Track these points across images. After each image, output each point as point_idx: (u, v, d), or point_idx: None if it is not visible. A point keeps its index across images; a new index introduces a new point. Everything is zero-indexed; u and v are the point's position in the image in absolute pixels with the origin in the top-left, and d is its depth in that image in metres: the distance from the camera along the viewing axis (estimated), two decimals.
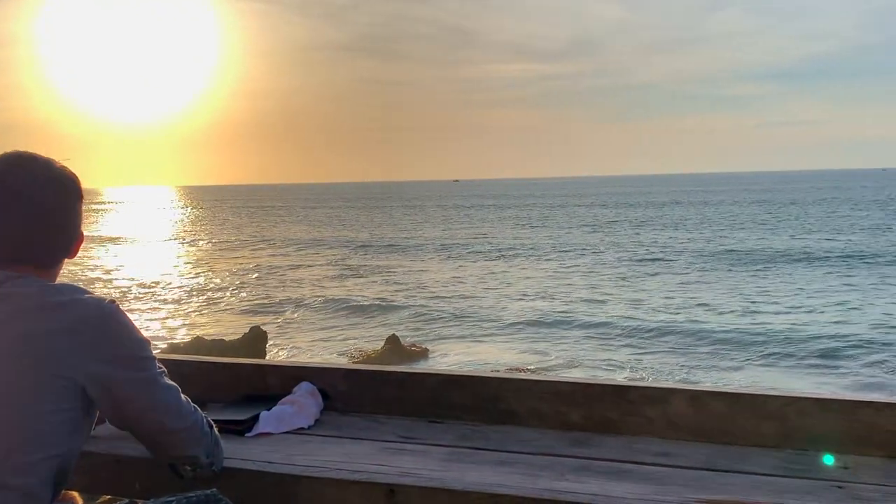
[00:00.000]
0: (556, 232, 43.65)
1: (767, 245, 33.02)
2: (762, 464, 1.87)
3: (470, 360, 14.02)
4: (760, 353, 13.74)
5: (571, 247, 34.26)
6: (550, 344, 14.83)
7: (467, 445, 2.02)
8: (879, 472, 1.80)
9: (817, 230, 40.67)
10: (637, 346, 14.44)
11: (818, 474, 1.80)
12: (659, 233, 41.18)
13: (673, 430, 2.05)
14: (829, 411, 1.94)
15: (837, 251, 29.86)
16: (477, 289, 22.20)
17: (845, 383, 11.95)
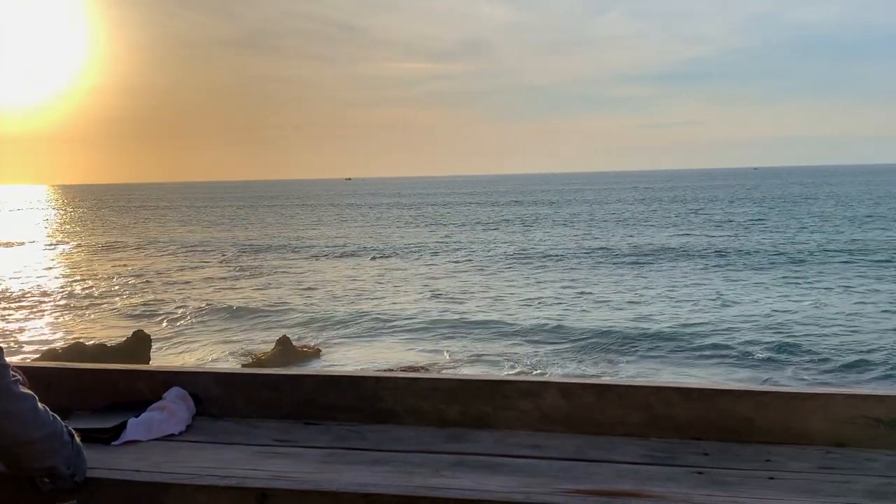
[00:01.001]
0: (451, 230, 43.99)
1: (651, 241, 34.24)
2: (629, 452, 1.93)
3: (363, 360, 13.98)
4: (638, 345, 14.27)
5: (466, 245, 34.61)
6: (445, 343, 14.94)
7: (343, 446, 2.01)
8: (737, 457, 1.89)
9: (700, 226, 42.47)
10: (527, 342, 14.73)
11: (680, 461, 1.87)
12: (550, 230, 42.09)
13: (546, 423, 2.09)
14: (691, 399, 2.02)
15: (715, 247, 31.25)
16: (371, 288, 22.14)
17: (714, 372, 12.56)
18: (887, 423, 1.91)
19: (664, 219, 48.84)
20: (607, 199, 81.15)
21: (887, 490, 1.67)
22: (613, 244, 32.93)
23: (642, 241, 34.44)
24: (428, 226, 48.70)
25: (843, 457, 1.87)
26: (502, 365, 13.17)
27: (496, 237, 38.80)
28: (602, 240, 35.38)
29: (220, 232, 47.03)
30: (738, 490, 1.70)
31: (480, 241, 36.73)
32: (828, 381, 11.71)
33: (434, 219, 55.51)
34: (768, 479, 1.76)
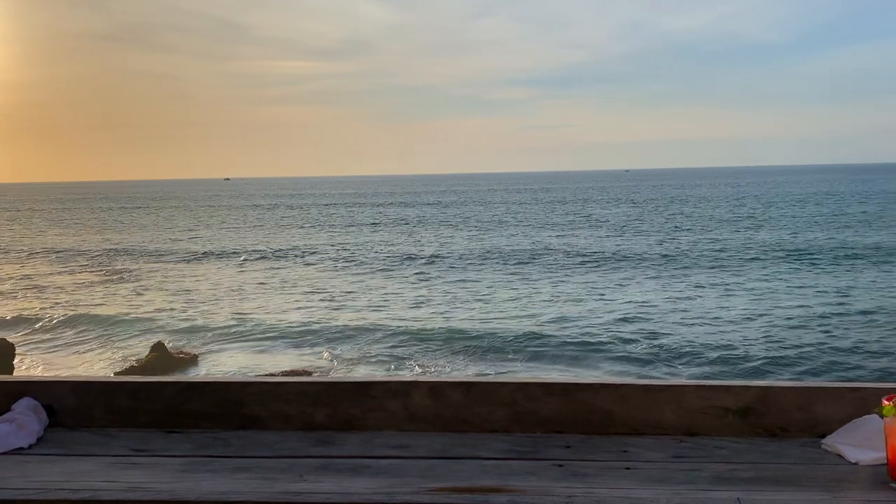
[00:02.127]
0: (336, 233, 43.61)
1: (534, 242, 35.00)
2: (493, 448, 1.96)
3: (242, 365, 13.69)
4: (509, 344, 14.60)
5: (349, 247, 34.39)
6: (326, 346, 14.80)
7: (205, 454, 1.96)
8: (597, 449, 1.95)
9: (579, 226, 43.72)
10: (403, 343, 14.78)
11: (542, 455, 1.92)
12: (436, 232, 42.33)
13: (414, 422, 2.10)
14: (554, 395, 2.08)
15: (592, 247, 32.25)
16: (253, 292, 21.69)
17: (579, 368, 13.00)
18: (734, 411, 2.02)
19: (546, 219, 50.03)
20: (491, 199, 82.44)
21: (732, 476, 1.76)
22: (498, 246, 33.47)
23: (525, 242, 35.16)
24: (311, 227, 48.14)
25: (694, 445, 1.96)
26: (376, 366, 13.20)
27: (381, 238, 38.77)
28: (486, 241, 35.90)
29: (94, 235, 45.01)
30: (596, 481, 1.75)
31: (364, 242, 36.61)
32: (681, 373, 12.32)
33: (318, 220, 54.93)
34: (625, 469, 1.82)
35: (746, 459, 1.86)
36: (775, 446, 1.94)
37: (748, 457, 1.88)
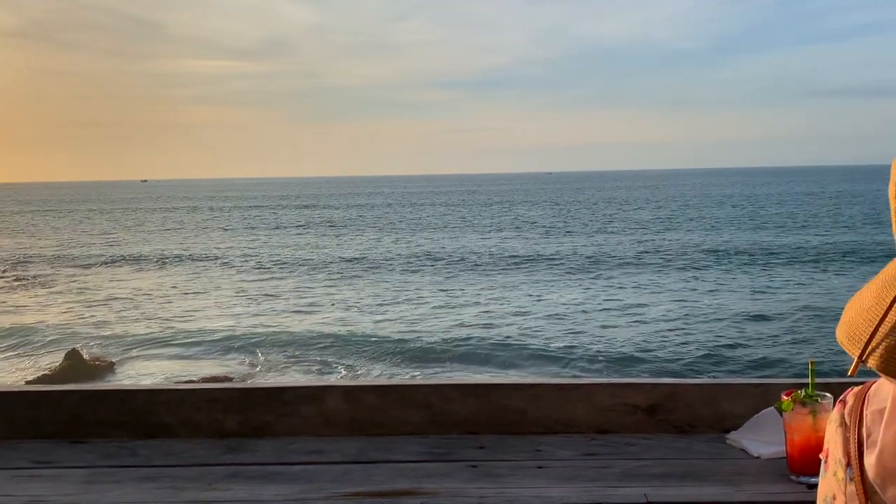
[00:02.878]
0: (260, 235, 42.96)
1: (461, 245, 35.16)
2: (408, 451, 1.96)
3: (161, 372, 13.36)
4: (426, 347, 14.70)
5: (275, 251, 33.90)
6: (248, 352, 14.57)
7: (111, 464, 1.90)
8: (511, 449, 1.97)
9: (505, 228, 44.12)
10: (323, 348, 14.68)
11: (457, 456, 1.93)
12: (360, 235, 42.11)
13: (328, 427, 2.08)
14: (468, 396, 2.09)
15: (516, 250, 32.59)
16: (174, 297, 21.21)
17: (496, 368, 13.17)
18: (644, 409, 2.07)
19: (473, 222, 50.34)
20: (417, 202, 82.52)
21: (641, 472, 1.80)
22: (424, 248, 33.51)
23: (451, 244, 35.30)
24: (234, 230, 47.33)
25: (605, 443, 2.00)
26: (296, 371, 13.10)
27: (305, 241, 38.37)
28: (412, 244, 35.92)
29: (6, 239, 43.27)
30: (509, 481, 1.77)
31: (289, 245, 36.18)
32: (594, 372, 12.61)
33: (240, 223, 54.03)
34: (537, 468, 1.85)
35: (655, 455, 1.90)
36: (683, 442, 1.99)
37: (656, 453, 1.92)
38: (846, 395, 1.00)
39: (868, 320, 0.90)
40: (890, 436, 0.89)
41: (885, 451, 0.89)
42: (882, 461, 0.89)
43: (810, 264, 25.77)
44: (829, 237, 34.63)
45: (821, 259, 27.12)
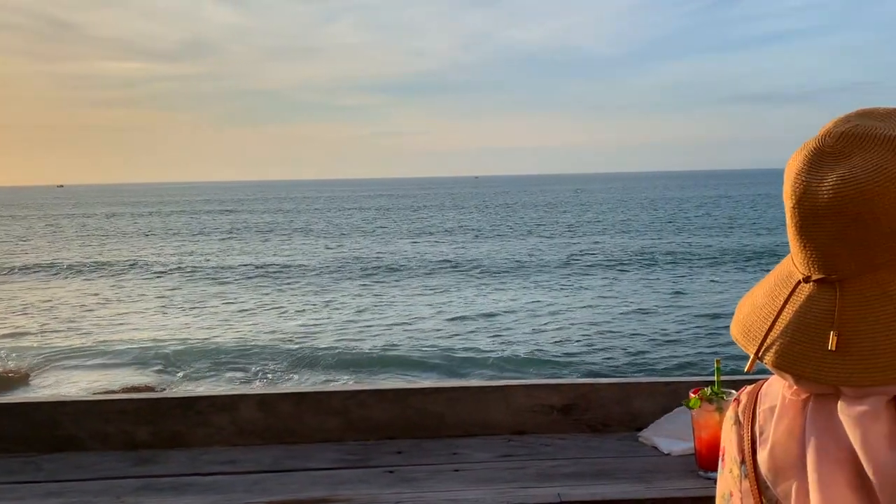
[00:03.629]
0: (182, 242, 41.96)
1: (391, 251, 35.05)
2: (324, 458, 1.94)
3: (80, 384, 12.92)
4: (345, 353, 14.64)
5: (199, 258, 33.18)
6: (166, 363, 14.20)
7: (14, 480, 1.83)
8: (428, 453, 1.97)
9: (436, 233, 44.17)
10: (246, 358, 14.45)
11: (374, 462, 1.92)
12: (287, 240, 41.56)
13: (242, 437, 2.05)
14: (386, 401, 2.08)
15: (445, 255, 32.66)
16: (94, 306, 20.55)
17: (412, 374, 13.20)
18: (559, 409, 2.09)
19: (402, 226, 50.26)
20: (346, 206, 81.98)
21: (555, 472, 1.83)
22: (351, 253, 33.26)
23: (381, 249, 35.17)
24: (155, 236, 46.14)
25: (521, 444, 2.01)
26: (214, 381, 12.88)
27: (230, 247, 37.67)
28: (339, 249, 35.63)
29: None
30: (425, 485, 1.77)
31: (213, 252, 35.47)
32: (511, 374, 12.76)
33: (162, 228, 52.69)
34: (454, 471, 1.85)
35: (569, 455, 1.93)
36: (596, 441, 2.02)
37: (571, 452, 1.95)
38: (740, 394, 1.03)
39: (762, 318, 0.93)
40: (780, 432, 0.92)
41: (776, 447, 0.92)
42: (773, 457, 0.92)
43: (725, 266, 26.58)
44: (745, 239, 35.77)
45: (737, 260, 28.02)
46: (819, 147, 0.88)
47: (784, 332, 0.90)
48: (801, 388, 0.91)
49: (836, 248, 0.86)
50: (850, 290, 0.86)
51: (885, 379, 0.82)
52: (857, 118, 0.90)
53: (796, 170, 0.89)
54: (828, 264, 0.87)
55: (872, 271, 0.85)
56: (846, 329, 0.85)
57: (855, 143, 0.87)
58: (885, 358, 0.83)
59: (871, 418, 0.84)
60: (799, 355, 0.87)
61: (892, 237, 0.84)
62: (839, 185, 0.84)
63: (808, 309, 0.88)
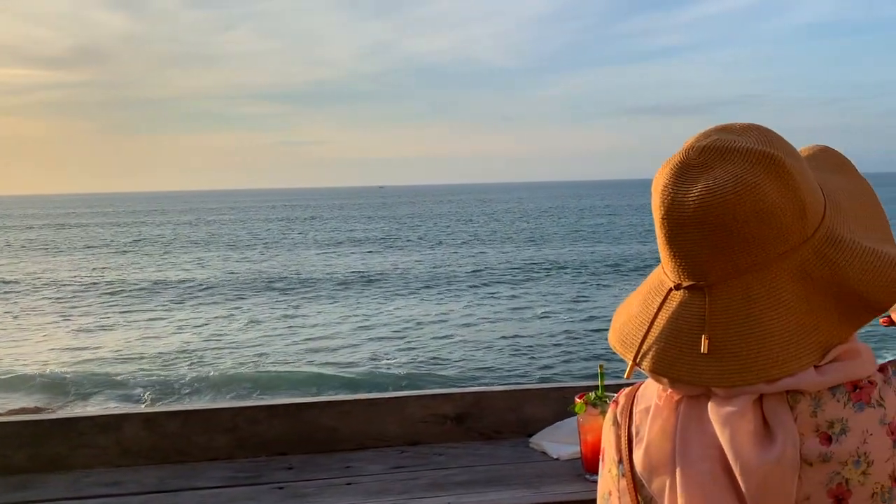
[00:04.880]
0: (76, 256, 40.28)
1: (296, 263, 34.55)
2: (213, 477, 1.90)
3: None
4: (235, 368, 14.46)
5: (91, 273, 31.88)
6: (53, 385, 13.62)
7: None
8: (319, 467, 1.96)
9: (341, 244, 43.80)
10: (139, 375, 14.04)
11: (264, 479, 1.89)
12: (187, 253, 40.44)
13: (127, 457, 1.99)
14: (277, 416, 2.05)
15: (354, 267, 32.43)
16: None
17: (304, 388, 13.12)
18: (453, 418, 2.11)
19: (308, 237, 49.64)
20: (247, 217, 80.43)
21: (447, 481, 1.84)
22: (253, 267, 32.59)
23: (285, 262, 34.64)
24: (47, 250, 44.17)
25: (415, 454, 2.02)
26: (97, 400, 12.47)
27: (125, 261, 36.40)
28: (237, 263, 34.88)
29: None
30: (316, 499, 1.76)
31: (107, 267, 34.19)
32: (405, 386, 12.84)
33: (54, 242, 50.46)
34: (346, 485, 1.84)
35: (461, 464, 1.95)
36: (489, 448, 2.05)
37: (464, 461, 1.96)
38: (618, 396, 1.07)
39: (637, 326, 0.97)
40: (654, 432, 0.96)
41: (650, 446, 0.95)
42: (648, 455, 0.95)
43: (617, 274, 27.39)
44: (645, 247, 36.88)
45: (631, 267, 28.91)
46: (683, 161, 0.93)
47: (659, 338, 0.94)
48: (676, 391, 0.95)
49: (703, 255, 0.90)
50: (718, 295, 0.91)
51: (753, 378, 0.87)
52: (716, 133, 0.95)
53: (663, 183, 0.94)
54: (696, 271, 0.92)
55: (737, 276, 0.90)
56: (716, 332, 0.90)
57: (716, 155, 0.92)
58: (753, 358, 0.88)
59: (738, 418, 0.88)
60: (674, 359, 0.91)
61: (753, 243, 0.89)
62: (703, 195, 0.89)
63: (681, 315, 0.93)
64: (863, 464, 0.86)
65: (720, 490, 0.90)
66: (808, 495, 0.87)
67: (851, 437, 0.87)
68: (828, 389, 0.89)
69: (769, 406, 0.89)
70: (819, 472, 0.87)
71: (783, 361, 0.87)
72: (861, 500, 0.86)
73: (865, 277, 0.89)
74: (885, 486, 0.86)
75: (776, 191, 0.89)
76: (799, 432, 0.87)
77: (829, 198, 0.97)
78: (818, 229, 0.92)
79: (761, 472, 0.87)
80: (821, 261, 0.90)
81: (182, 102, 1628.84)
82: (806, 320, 0.89)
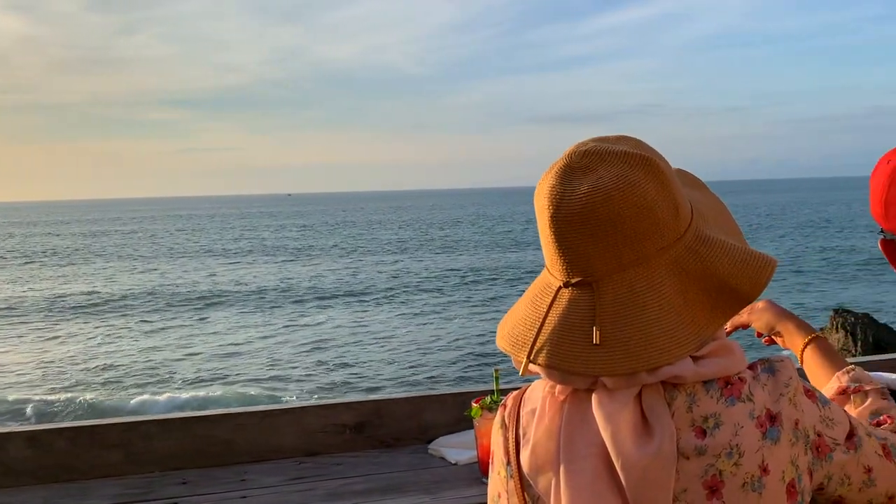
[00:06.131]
0: None
1: (208, 276, 33.72)
2: (103, 495, 1.84)
3: None
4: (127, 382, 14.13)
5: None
6: None
7: None
8: (214, 481, 1.92)
9: (253, 253, 42.96)
10: (25, 392, 13.50)
11: (156, 495, 1.84)
12: (88, 265, 38.92)
13: (10, 477, 1.90)
14: (170, 430, 2.00)
15: (259, 282, 31.81)
16: None
17: (199, 402, 12.88)
18: (352, 427, 2.10)
19: (215, 247, 48.53)
20: (148, 227, 78.08)
21: (345, 490, 1.83)
22: (157, 280, 31.59)
23: (190, 275, 33.76)
24: None
25: (313, 465, 2.00)
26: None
27: (10, 275, 34.72)
28: (146, 276, 33.79)
29: None
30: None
31: None
32: (303, 396, 12.79)
33: None
34: (241, 498, 1.81)
35: (360, 472, 1.94)
36: (388, 456, 2.05)
37: (362, 469, 1.96)
38: (506, 400, 1.10)
39: (528, 326, 1.01)
40: (540, 432, 0.99)
41: (536, 446, 0.99)
42: (534, 455, 0.99)
43: (533, 278, 27.73)
44: None
45: None
46: (567, 164, 0.99)
47: (552, 333, 0.97)
48: (562, 389, 0.99)
49: (590, 251, 0.96)
50: (605, 290, 0.96)
51: (642, 365, 0.93)
52: (593, 142, 1.01)
53: (550, 184, 0.99)
54: (584, 267, 0.97)
55: (621, 271, 0.96)
56: (606, 325, 0.95)
57: (597, 158, 0.98)
58: (643, 347, 0.93)
59: (620, 414, 0.94)
60: (567, 352, 0.96)
61: (635, 238, 0.95)
62: (590, 192, 0.95)
63: (571, 310, 0.97)
64: (734, 455, 0.92)
65: (602, 485, 0.94)
66: (685, 488, 0.92)
67: (724, 431, 0.93)
68: (702, 385, 0.95)
69: (648, 403, 0.94)
70: (695, 464, 0.92)
71: (666, 350, 0.93)
72: (733, 489, 0.92)
73: (734, 271, 0.97)
74: (755, 475, 0.92)
75: (654, 190, 0.96)
76: (676, 427, 0.93)
77: (692, 205, 1.04)
78: (689, 229, 0.99)
79: (641, 465, 0.91)
80: (693, 256, 0.97)
81: (80, 108, 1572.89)
82: (684, 312, 0.96)
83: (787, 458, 0.95)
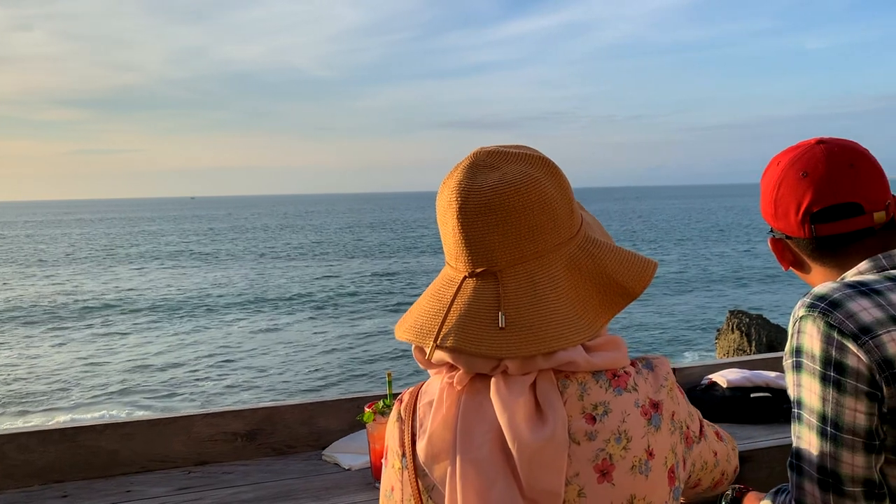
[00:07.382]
0: None
1: (101, 284, 32.60)
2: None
3: None
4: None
5: None
6: None
7: None
8: (98, 492, 1.85)
9: (153, 259, 41.72)
10: None
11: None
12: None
13: None
14: (51, 442, 1.92)
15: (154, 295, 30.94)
16: None
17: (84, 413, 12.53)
18: (243, 435, 2.06)
19: (117, 253, 46.95)
20: (38, 231, 74.91)
21: (234, 499, 1.80)
22: (35, 290, 30.25)
23: (91, 283, 32.57)
24: None
25: (202, 474, 1.96)
26: None
27: None
28: (24, 284, 32.38)
29: None
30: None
31: None
32: (193, 405, 12.62)
33: None
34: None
35: (251, 481, 1.91)
36: (280, 464, 2.02)
37: (253, 477, 1.92)
38: (403, 395, 1.14)
39: (432, 316, 1.06)
40: (437, 422, 1.04)
41: (433, 436, 1.04)
42: (431, 445, 1.04)
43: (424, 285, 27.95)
44: None
45: None
46: (474, 162, 1.07)
47: (459, 319, 1.04)
48: (460, 380, 1.04)
49: (494, 242, 1.03)
50: (508, 279, 1.03)
51: (544, 347, 1.00)
52: (494, 147, 1.09)
53: (457, 179, 1.06)
54: (488, 258, 1.04)
55: (522, 263, 1.03)
56: (510, 310, 1.02)
57: (502, 157, 1.06)
58: (544, 331, 1.01)
59: (516, 401, 1.00)
60: (474, 336, 1.02)
61: (536, 231, 1.03)
62: (497, 185, 1.03)
63: (476, 298, 1.04)
64: (623, 440, 1.00)
65: (496, 470, 1.00)
66: (577, 471, 0.99)
67: (612, 418, 1.00)
68: (591, 376, 1.03)
69: (542, 391, 1.01)
70: (586, 449, 0.99)
71: (564, 336, 1.01)
72: (623, 472, 1.00)
73: (621, 269, 1.07)
74: (642, 458, 1.01)
75: (553, 189, 1.05)
76: (567, 414, 1.00)
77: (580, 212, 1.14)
78: (580, 230, 1.08)
79: (535, 449, 0.97)
80: (585, 255, 1.06)
81: None
82: (578, 304, 1.04)
83: (668, 445, 1.04)
